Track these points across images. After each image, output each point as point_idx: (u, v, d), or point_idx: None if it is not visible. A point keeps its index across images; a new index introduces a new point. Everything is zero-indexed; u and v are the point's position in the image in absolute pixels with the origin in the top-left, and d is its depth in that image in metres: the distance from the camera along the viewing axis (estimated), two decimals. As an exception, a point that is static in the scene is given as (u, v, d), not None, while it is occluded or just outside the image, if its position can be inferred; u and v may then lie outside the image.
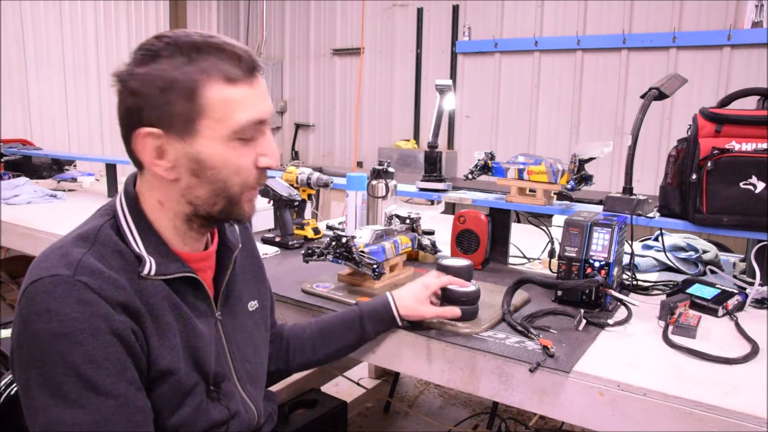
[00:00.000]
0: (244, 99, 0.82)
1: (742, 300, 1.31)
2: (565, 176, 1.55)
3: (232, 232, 1.03)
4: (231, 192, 0.86)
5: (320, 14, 5.59)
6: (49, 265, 0.79)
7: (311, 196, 1.94)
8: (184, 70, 0.80)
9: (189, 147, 0.83)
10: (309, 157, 5.88)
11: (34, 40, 4.48)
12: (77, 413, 0.75)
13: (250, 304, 1.05)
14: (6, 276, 3.12)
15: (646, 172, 3.90)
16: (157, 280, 0.85)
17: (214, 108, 0.81)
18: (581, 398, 0.99)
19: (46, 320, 0.75)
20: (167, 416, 0.85)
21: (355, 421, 2.50)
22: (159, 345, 0.83)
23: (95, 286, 0.77)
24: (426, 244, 1.60)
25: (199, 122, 0.81)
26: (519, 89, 4.49)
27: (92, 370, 0.75)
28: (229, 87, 0.82)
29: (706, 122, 1.39)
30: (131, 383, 0.79)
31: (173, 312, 0.87)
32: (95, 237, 0.83)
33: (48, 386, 0.75)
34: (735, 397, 0.90)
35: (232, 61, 0.82)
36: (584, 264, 1.28)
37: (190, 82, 0.80)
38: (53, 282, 0.76)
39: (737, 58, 3.64)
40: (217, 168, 0.84)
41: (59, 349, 0.74)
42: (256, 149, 0.86)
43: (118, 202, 0.89)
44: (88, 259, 0.80)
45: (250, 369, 1.01)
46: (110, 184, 2.81)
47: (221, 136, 0.82)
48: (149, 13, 5.28)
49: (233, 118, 0.82)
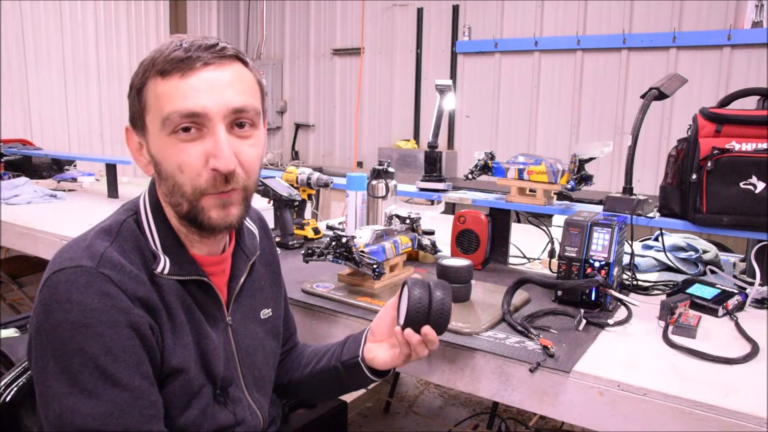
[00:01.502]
0: (172, 91, 0.80)
1: (742, 300, 1.31)
2: (565, 176, 1.55)
3: (251, 238, 1.02)
4: (184, 191, 0.83)
5: (320, 14, 5.59)
6: (73, 256, 0.80)
7: (311, 196, 1.94)
8: (140, 70, 0.85)
9: (147, 142, 0.87)
10: (309, 157, 5.88)
11: (34, 41, 4.48)
12: (92, 403, 0.75)
13: (263, 312, 1.04)
14: (6, 276, 3.12)
15: (646, 172, 3.90)
16: (172, 279, 0.86)
17: (151, 102, 0.83)
18: (581, 398, 0.99)
19: (68, 310, 0.76)
20: (175, 416, 0.86)
21: (355, 421, 2.50)
22: (173, 342, 0.84)
23: (117, 279, 0.79)
24: (426, 244, 1.60)
25: (146, 118, 0.85)
26: (519, 89, 4.49)
27: (110, 362, 0.76)
28: (162, 81, 0.81)
29: (706, 122, 1.39)
30: (145, 377, 0.80)
31: (186, 313, 0.87)
32: (118, 231, 0.85)
33: (65, 375, 0.76)
34: (735, 397, 0.90)
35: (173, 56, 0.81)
36: (584, 264, 1.28)
37: (140, 82, 0.84)
38: (76, 272, 0.78)
39: (737, 58, 3.64)
40: (162, 163, 0.84)
41: (79, 339, 0.76)
42: (204, 148, 0.81)
43: (142, 200, 0.91)
44: (111, 252, 0.81)
45: (258, 376, 1.01)
46: (110, 184, 2.80)
47: (157, 128, 0.83)
48: (149, 13, 5.28)
49: (162, 110, 0.81)
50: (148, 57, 0.84)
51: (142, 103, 0.84)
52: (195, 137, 0.81)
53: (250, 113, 0.84)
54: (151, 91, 0.82)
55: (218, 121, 0.81)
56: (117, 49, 5.02)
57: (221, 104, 0.81)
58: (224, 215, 0.85)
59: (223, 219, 0.85)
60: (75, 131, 4.82)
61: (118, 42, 5.03)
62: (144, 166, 0.89)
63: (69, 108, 4.77)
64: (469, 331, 1.14)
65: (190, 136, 0.81)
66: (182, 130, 0.81)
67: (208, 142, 0.81)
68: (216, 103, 0.81)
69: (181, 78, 0.80)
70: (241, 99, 0.83)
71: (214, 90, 0.81)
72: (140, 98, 0.84)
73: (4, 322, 1.48)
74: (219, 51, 0.82)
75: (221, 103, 0.81)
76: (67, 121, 4.77)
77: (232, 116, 0.82)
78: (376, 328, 1.06)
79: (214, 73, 0.81)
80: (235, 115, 0.83)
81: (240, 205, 0.87)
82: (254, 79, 0.87)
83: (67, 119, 4.77)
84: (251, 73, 0.87)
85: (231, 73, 0.83)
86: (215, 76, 0.81)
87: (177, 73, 0.80)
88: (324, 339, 1.30)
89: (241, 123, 0.84)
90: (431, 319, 0.96)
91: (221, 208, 0.85)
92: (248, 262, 1.00)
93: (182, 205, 0.85)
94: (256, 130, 0.87)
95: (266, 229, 1.12)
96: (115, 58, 5.00)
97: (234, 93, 0.82)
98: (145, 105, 0.84)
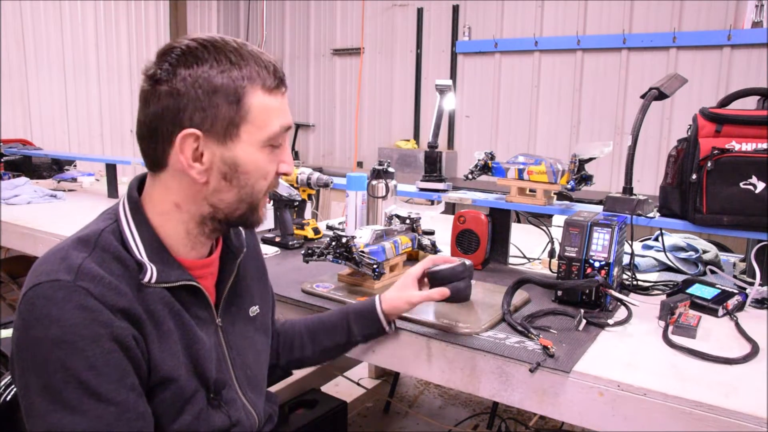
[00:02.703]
0: (278, 107, 0.87)
1: (742, 300, 1.31)
2: (565, 176, 1.55)
3: (237, 236, 1.02)
4: (255, 197, 0.90)
5: (320, 14, 5.59)
6: (49, 269, 0.78)
7: (311, 196, 1.94)
8: (230, 75, 0.82)
9: (227, 151, 0.84)
10: (309, 157, 5.88)
11: (34, 40, 4.49)
12: (78, 420, 0.74)
13: (251, 310, 1.04)
14: (6, 276, 3.12)
15: (646, 172, 3.90)
16: (159, 287, 0.85)
17: (255, 114, 0.84)
18: (581, 398, 0.99)
19: (47, 326, 0.74)
20: (167, 423, 0.85)
21: (355, 421, 2.50)
22: (160, 351, 0.83)
23: (96, 292, 0.77)
24: (426, 244, 1.60)
25: (241, 127, 0.84)
26: (519, 89, 4.49)
27: (93, 377, 0.75)
28: (267, 95, 0.85)
29: (706, 122, 1.39)
30: (132, 390, 0.79)
31: (174, 319, 0.86)
32: (96, 242, 0.83)
33: (48, 392, 0.74)
34: (735, 397, 0.90)
35: (268, 70, 0.86)
36: (584, 264, 1.28)
37: (235, 87, 0.82)
38: (53, 287, 0.76)
39: (737, 58, 3.64)
40: (250, 172, 0.86)
41: (59, 355, 0.74)
42: (278, 156, 0.90)
43: (121, 207, 0.89)
44: (89, 264, 0.79)
45: (250, 375, 1.01)
46: (110, 184, 2.81)
47: (258, 141, 0.86)
48: (149, 13, 5.28)
49: (270, 125, 0.86)
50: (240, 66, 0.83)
51: (243, 112, 0.83)
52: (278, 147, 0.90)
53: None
54: (257, 102, 0.84)
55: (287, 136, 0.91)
56: (117, 49, 5.02)
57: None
58: (264, 212, 0.95)
59: (264, 215, 0.95)
60: (75, 131, 4.82)
61: (118, 42, 5.03)
62: (197, 174, 0.84)
63: (69, 108, 4.77)
64: (469, 331, 1.14)
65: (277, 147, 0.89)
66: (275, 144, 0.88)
67: (280, 151, 0.90)
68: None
69: (282, 96, 0.88)
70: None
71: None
72: (240, 106, 0.83)
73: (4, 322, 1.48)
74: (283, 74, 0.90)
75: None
76: (67, 121, 4.77)
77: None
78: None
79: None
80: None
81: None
82: None
83: (67, 119, 4.77)
84: None
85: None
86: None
87: (279, 91, 0.87)
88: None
89: None
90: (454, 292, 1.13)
91: (265, 206, 0.95)
92: (236, 261, 1.00)
93: (240, 209, 0.89)
94: None
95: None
96: (115, 58, 5.00)
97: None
98: (244, 114, 0.84)
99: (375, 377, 2.76)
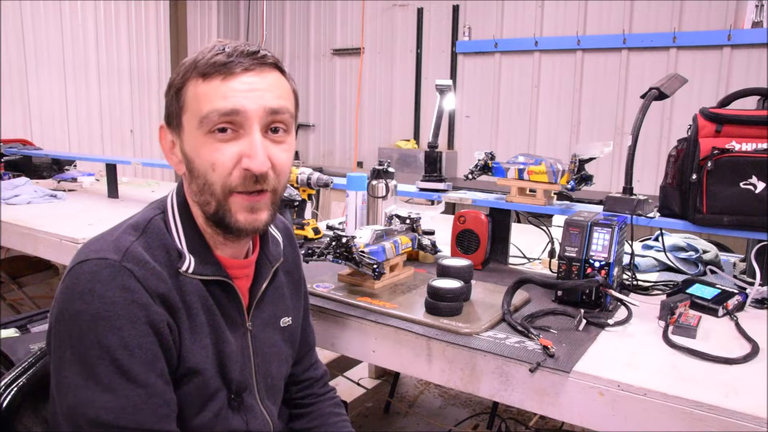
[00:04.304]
0: (212, 92, 0.83)
1: (742, 300, 1.31)
2: (565, 176, 1.55)
3: (275, 245, 1.03)
4: (214, 190, 0.85)
5: (320, 14, 5.59)
6: (99, 248, 0.81)
7: (311, 196, 1.94)
8: (179, 71, 0.86)
9: (181, 141, 0.88)
10: (309, 157, 5.88)
11: (34, 40, 4.48)
12: (107, 397, 0.76)
13: (283, 320, 1.04)
14: (6, 276, 3.11)
15: (646, 172, 3.89)
16: (195, 279, 0.87)
17: (190, 102, 0.85)
18: (581, 398, 0.99)
19: (88, 301, 0.77)
20: (189, 417, 0.86)
21: (355, 421, 2.49)
22: (191, 342, 0.85)
23: (140, 274, 0.80)
24: (426, 244, 1.60)
25: (182, 117, 0.86)
26: (519, 89, 4.49)
27: (126, 356, 0.77)
28: (203, 83, 0.84)
29: (706, 122, 1.39)
30: (161, 376, 0.80)
31: (206, 314, 0.88)
32: (145, 227, 0.86)
33: (82, 366, 0.77)
34: (735, 397, 0.90)
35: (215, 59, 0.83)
36: (584, 264, 1.28)
37: (180, 83, 0.86)
38: (100, 264, 0.79)
39: (737, 58, 3.64)
40: (194, 161, 0.86)
41: (97, 331, 0.76)
42: (239, 148, 0.83)
43: (170, 199, 0.92)
44: (136, 247, 0.82)
45: (270, 384, 1.01)
46: (110, 184, 2.80)
47: (194, 127, 0.84)
48: (149, 13, 5.27)
49: (200, 109, 0.83)
50: (190, 59, 0.86)
51: (181, 102, 0.86)
52: (231, 138, 0.83)
53: (285, 116, 0.86)
54: (191, 91, 0.84)
55: (255, 122, 0.83)
56: (117, 49, 5.01)
57: (259, 105, 0.83)
58: (252, 219, 0.87)
59: (251, 223, 0.87)
60: (75, 131, 4.82)
61: (118, 42, 5.03)
62: (175, 165, 0.90)
63: (69, 108, 4.76)
64: (469, 331, 1.14)
65: (226, 136, 0.83)
66: (219, 130, 0.83)
67: (243, 142, 0.83)
68: (254, 104, 0.83)
69: (222, 81, 0.83)
70: (277, 102, 0.85)
71: (252, 92, 0.83)
72: (179, 98, 0.86)
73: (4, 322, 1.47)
74: (260, 58, 0.85)
75: (259, 104, 0.83)
76: (67, 121, 4.76)
77: (268, 118, 0.84)
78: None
79: (254, 77, 0.84)
80: (271, 116, 0.85)
81: (269, 209, 0.89)
82: (291, 87, 0.91)
83: (67, 119, 4.76)
84: (288, 82, 0.90)
85: (269, 79, 0.86)
86: (254, 80, 0.84)
87: (218, 76, 0.83)
88: (324, 339, 1.30)
89: (275, 128, 0.86)
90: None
91: (249, 211, 0.86)
92: (271, 268, 1.00)
93: (210, 205, 0.86)
94: (289, 135, 0.89)
95: (291, 237, 1.12)
96: (115, 58, 5.00)
97: (271, 96, 0.85)
98: (183, 104, 0.86)
99: (375, 377, 2.76)
